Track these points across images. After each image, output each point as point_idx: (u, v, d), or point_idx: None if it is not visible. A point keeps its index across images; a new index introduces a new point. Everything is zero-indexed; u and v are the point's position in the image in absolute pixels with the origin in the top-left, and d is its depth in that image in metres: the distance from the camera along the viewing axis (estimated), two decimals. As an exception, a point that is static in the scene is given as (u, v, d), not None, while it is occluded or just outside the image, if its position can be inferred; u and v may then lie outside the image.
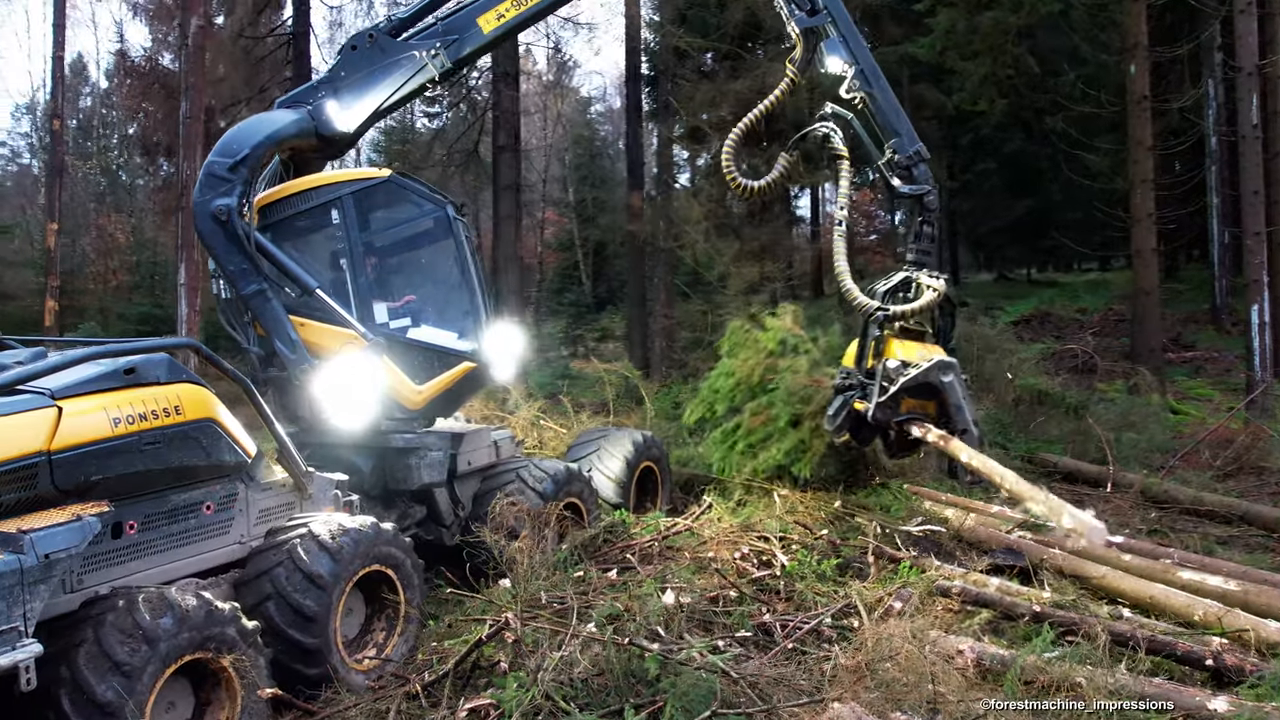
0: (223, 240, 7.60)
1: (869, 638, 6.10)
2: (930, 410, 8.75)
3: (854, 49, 8.91)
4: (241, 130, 8.03)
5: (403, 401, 8.01)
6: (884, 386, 8.47)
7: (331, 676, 6.15)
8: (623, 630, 5.95)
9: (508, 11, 8.60)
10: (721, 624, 6.45)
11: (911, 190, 8.90)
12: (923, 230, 9.07)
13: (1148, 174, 16.10)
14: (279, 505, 7.00)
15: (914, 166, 8.89)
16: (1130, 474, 11.26)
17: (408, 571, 6.90)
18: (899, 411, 8.55)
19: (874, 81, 8.92)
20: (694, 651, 5.61)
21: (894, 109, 8.98)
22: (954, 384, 8.53)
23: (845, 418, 8.88)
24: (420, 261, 8.68)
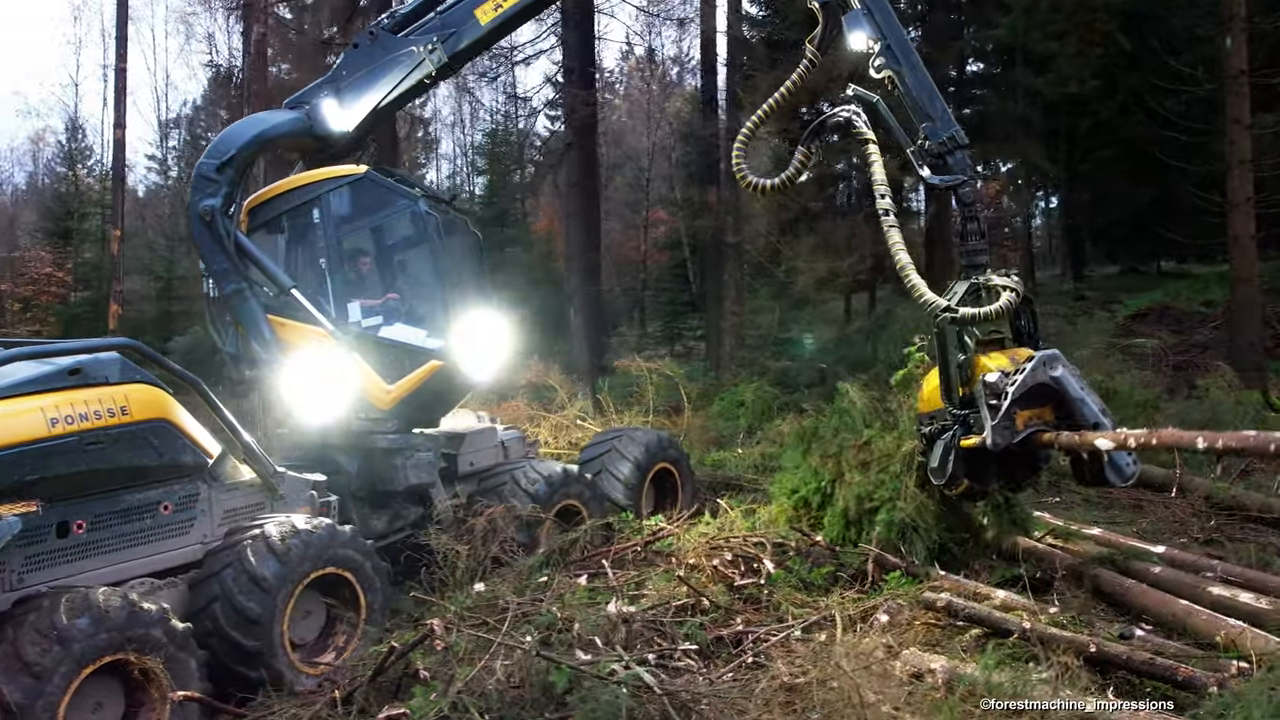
0: (208, 240, 7.73)
1: (823, 654, 5.70)
2: (1049, 417, 7.26)
3: (881, 22, 7.81)
4: (231, 131, 8.14)
5: (373, 400, 7.94)
6: (992, 405, 7.03)
7: (276, 679, 6.09)
8: (556, 641, 5.71)
9: (505, 1, 8.42)
10: (678, 635, 6.09)
11: (943, 181, 7.67)
12: (967, 228, 7.75)
13: (1245, 155, 14.86)
14: (246, 506, 7.00)
15: (949, 154, 7.65)
16: (1198, 478, 10.33)
17: (367, 574, 6.79)
18: (1017, 429, 7.07)
19: (904, 59, 7.79)
20: (613, 665, 5.29)
21: (927, 89, 7.78)
22: (1066, 376, 7.16)
23: (955, 462, 7.35)
24: (395, 258, 8.58)
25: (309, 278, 8.10)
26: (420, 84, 8.35)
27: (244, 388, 8.09)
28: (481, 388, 8.84)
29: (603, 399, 13.46)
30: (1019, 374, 6.99)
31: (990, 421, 6.92)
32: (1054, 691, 4.97)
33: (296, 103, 8.46)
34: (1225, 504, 9.72)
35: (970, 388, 7.24)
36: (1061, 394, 7.05)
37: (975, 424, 7.17)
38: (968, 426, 7.26)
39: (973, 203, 7.75)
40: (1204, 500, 9.93)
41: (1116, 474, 7.11)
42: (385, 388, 7.90)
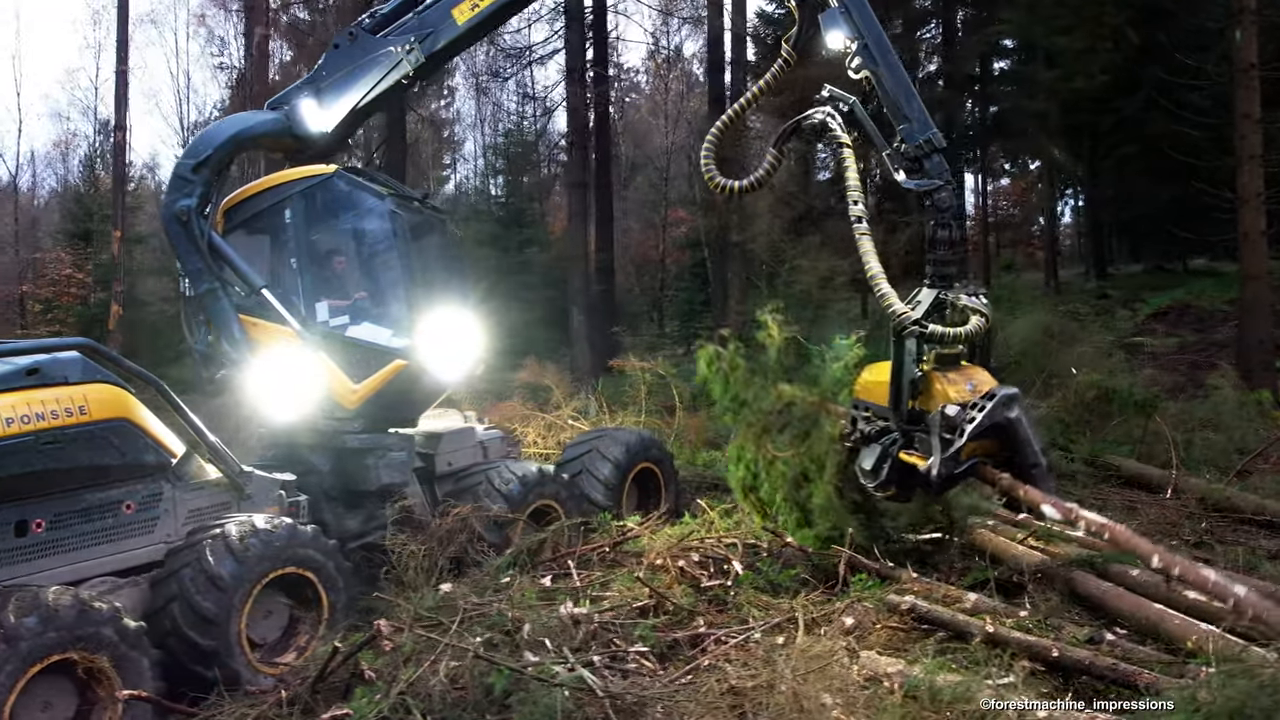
0: (184, 240, 7.79)
1: (776, 658, 5.63)
2: (991, 450, 7.09)
3: (859, 20, 7.50)
4: (208, 132, 8.19)
5: (340, 400, 7.93)
6: (945, 439, 6.83)
7: (233, 679, 6.08)
8: (506, 642, 5.68)
9: (482, 1, 8.39)
10: (632, 637, 6.04)
11: (917, 185, 7.28)
12: (938, 235, 7.35)
13: (1256, 149, 14.56)
14: (212, 505, 7.01)
15: (925, 158, 7.31)
16: (1194, 479, 10.15)
17: (329, 574, 6.78)
18: (961, 462, 6.90)
19: (881, 58, 7.48)
20: (557, 667, 5.24)
21: (904, 90, 7.50)
22: (1021, 418, 6.97)
23: (890, 470, 7.24)
24: (364, 258, 8.52)
25: (282, 277, 8.11)
26: (398, 84, 8.32)
27: (215, 387, 8.11)
28: (451, 388, 8.77)
29: (596, 398, 13.38)
30: (977, 411, 6.77)
31: (940, 454, 6.80)
32: (998, 695, 4.84)
33: (278, 103, 8.48)
34: (1220, 506, 9.54)
35: (921, 404, 7.08)
36: (1012, 433, 6.89)
37: (919, 443, 7.04)
38: (910, 441, 7.13)
39: (948, 209, 7.34)
40: (1198, 502, 9.77)
41: None
42: (352, 387, 7.89)
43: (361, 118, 8.46)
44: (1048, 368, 13.45)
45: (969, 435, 6.71)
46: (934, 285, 7.21)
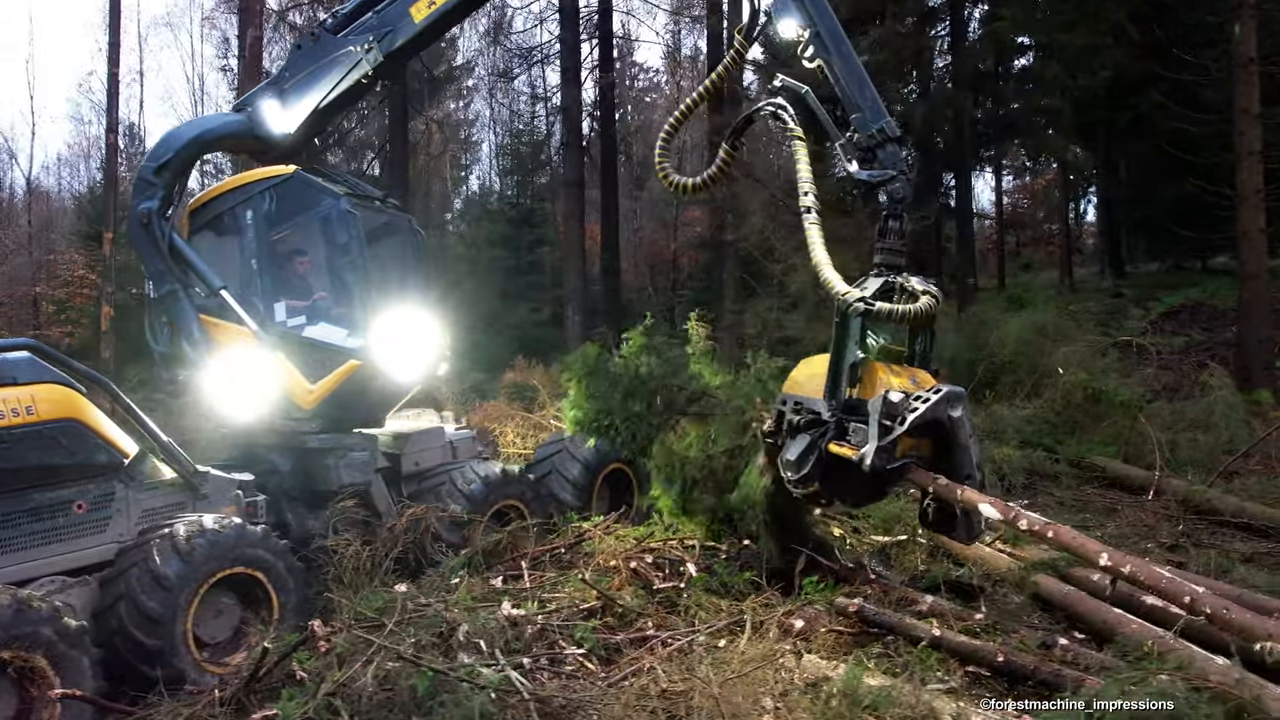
0: (146, 242, 7.86)
1: (714, 661, 5.59)
2: (925, 452, 6.64)
3: (811, 8, 7.25)
4: (170, 134, 8.22)
5: (297, 400, 7.94)
6: (884, 426, 6.32)
7: (177, 678, 6.09)
8: (441, 644, 5.66)
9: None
10: (571, 639, 6.00)
11: (870, 177, 7.02)
12: (889, 226, 7.08)
13: (1255, 146, 14.32)
14: (166, 505, 7.02)
15: (878, 147, 7.05)
16: (1176, 480, 10.01)
17: (279, 574, 6.77)
18: (895, 455, 6.37)
19: (834, 47, 7.23)
20: (483, 669, 5.21)
21: (857, 78, 7.22)
22: (964, 419, 6.54)
23: (815, 464, 6.68)
24: (320, 257, 8.49)
25: (241, 277, 8.11)
26: (359, 84, 8.32)
27: (176, 388, 8.15)
28: (412, 389, 8.74)
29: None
30: (921, 402, 6.37)
31: (875, 442, 6.24)
32: (917, 698, 4.77)
33: (242, 104, 8.51)
34: (1200, 508, 9.40)
35: (861, 394, 6.67)
36: (950, 435, 6.45)
37: (853, 434, 6.56)
38: (842, 432, 6.64)
39: (901, 199, 7.07)
40: (1180, 504, 9.63)
41: (965, 531, 6.66)
42: (308, 387, 7.90)
43: (325, 118, 8.47)
44: (1040, 367, 13.29)
45: (910, 423, 6.23)
46: (881, 274, 6.92)
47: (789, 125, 7.46)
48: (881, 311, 6.40)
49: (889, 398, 6.30)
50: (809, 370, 7.33)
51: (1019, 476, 10.62)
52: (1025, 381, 12.97)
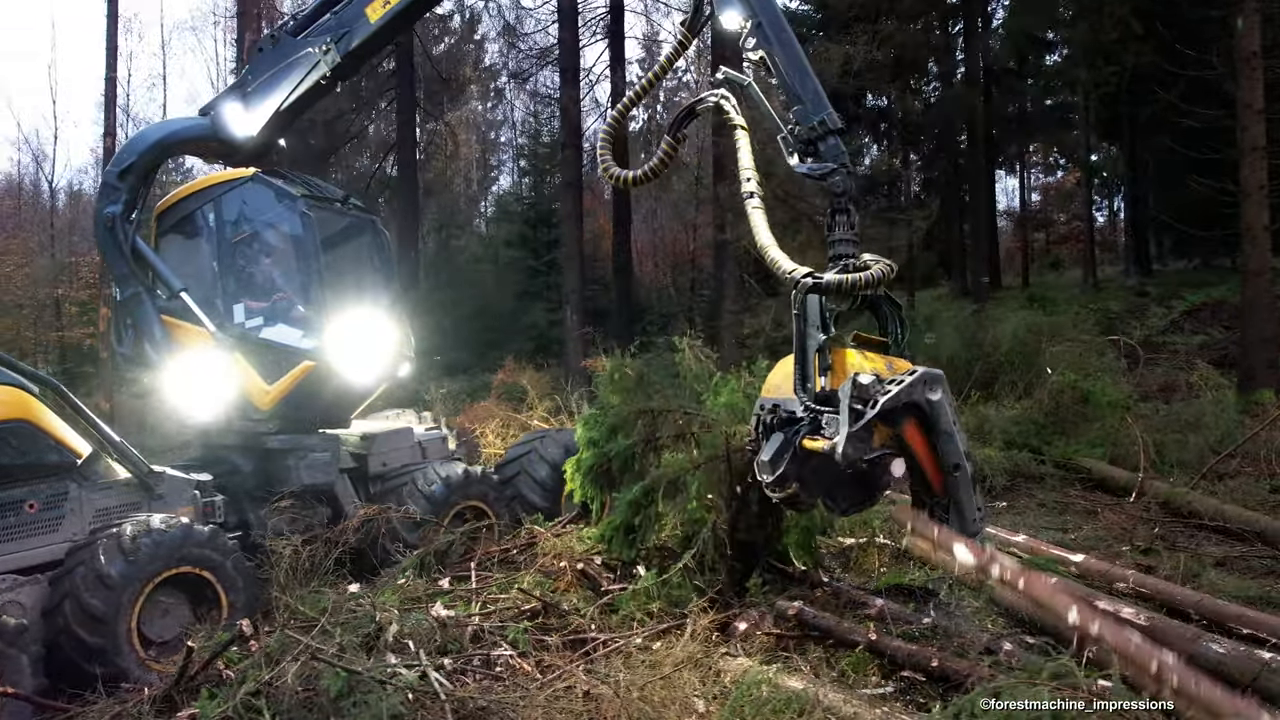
0: (110, 246, 7.97)
1: (638, 664, 5.56)
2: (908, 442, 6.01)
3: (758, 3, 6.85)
4: (134, 139, 8.32)
5: (254, 401, 8.02)
6: (855, 410, 5.80)
7: (120, 676, 6.15)
8: (370, 645, 5.67)
9: None
10: (503, 640, 5.99)
11: (809, 170, 6.63)
12: (836, 219, 6.63)
13: (1258, 141, 14.03)
14: (120, 505, 7.10)
15: (820, 140, 6.64)
16: (1159, 482, 9.83)
17: (228, 574, 6.81)
18: (873, 445, 5.80)
19: (775, 37, 6.86)
20: (404, 670, 5.22)
21: (799, 69, 6.80)
22: (944, 404, 5.94)
23: (790, 462, 6.12)
24: (277, 259, 8.59)
25: (203, 279, 8.19)
26: (319, 85, 8.35)
27: (137, 389, 8.24)
28: (373, 390, 8.78)
29: (565, 398, 13.32)
30: (895, 384, 5.82)
31: (847, 428, 5.67)
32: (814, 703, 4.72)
33: (207, 109, 8.57)
34: (1180, 510, 9.23)
35: (832, 383, 6.13)
36: (932, 421, 5.89)
37: (826, 425, 6.01)
38: (816, 426, 6.10)
39: (844, 193, 6.63)
40: (1161, 506, 9.46)
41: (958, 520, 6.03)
42: (265, 388, 7.98)
43: (287, 120, 8.49)
44: (1035, 366, 13.12)
45: (883, 406, 5.69)
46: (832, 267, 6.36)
47: (731, 116, 7.13)
48: (830, 284, 5.95)
49: (858, 380, 5.80)
50: (785, 370, 6.80)
51: (1000, 478, 10.49)
52: (1020, 382, 12.82)
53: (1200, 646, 5.63)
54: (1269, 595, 7.17)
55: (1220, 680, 5.31)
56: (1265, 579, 7.63)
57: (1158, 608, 6.91)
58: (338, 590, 7.08)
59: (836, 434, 5.74)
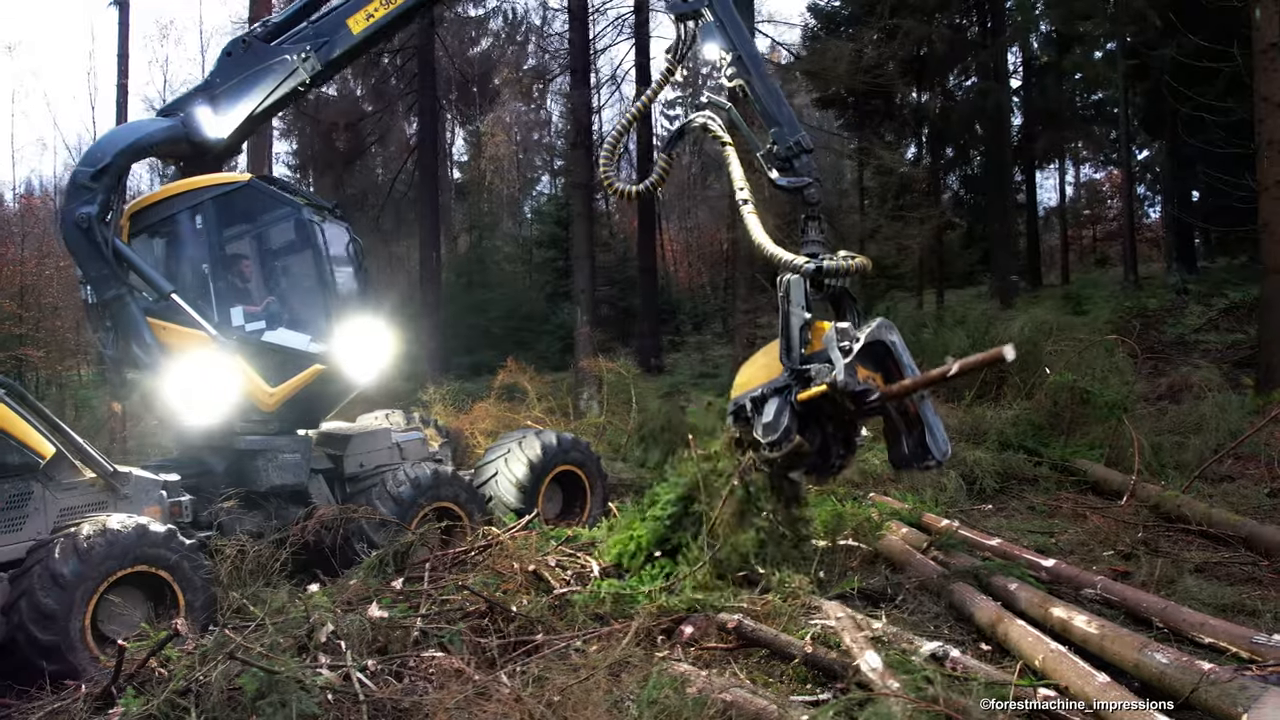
0: (85, 247, 7.89)
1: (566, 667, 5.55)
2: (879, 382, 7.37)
3: (732, 34, 8.21)
4: (106, 139, 8.34)
5: (256, 403, 8.16)
6: (843, 348, 7.16)
7: (72, 673, 6.25)
8: (302, 646, 5.72)
9: (377, 11, 8.55)
10: (437, 641, 6.00)
11: (789, 183, 7.90)
12: (809, 225, 8.00)
13: (1276, 134, 13.58)
14: (85, 505, 7.22)
15: (794, 158, 7.95)
16: (1151, 485, 9.59)
17: (185, 573, 6.89)
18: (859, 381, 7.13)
19: (753, 68, 8.20)
20: (324, 670, 5.25)
21: (774, 97, 8.19)
22: (899, 344, 7.39)
23: (790, 417, 7.36)
24: (279, 265, 8.75)
25: (190, 282, 8.25)
26: (294, 91, 8.46)
27: (124, 391, 8.36)
28: (364, 390, 8.90)
29: (562, 399, 13.33)
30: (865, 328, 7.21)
31: (843, 361, 6.98)
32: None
33: (170, 110, 8.59)
34: (1170, 514, 9.00)
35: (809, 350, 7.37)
36: (895, 360, 7.25)
37: (817, 375, 7.19)
38: (806, 382, 7.27)
39: (816, 203, 7.94)
40: (1151, 509, 9.24)
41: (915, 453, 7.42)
42: (268, 390, 8.16)
43: (257, 124, 8.60)
44: (1044, 365, 12.89)
45: (865, 340, 7.05)
46: None
47: (718, 134, 8.28)
48: (831, 268, 7.31)
49: (839, 326, 7.15)
50: (751, 369, 8.03)
51: (990, 480, 10.31)
52: (1024, 382, 12.59)
53: (1145, 655, 5.48)
54: (1242, 603, 6.98)
55: (1160, 691, 5.23)
56: (1243, 586, 7.42)
57: (1123, 614, 6.77)
58: (295, 591, 7.19)
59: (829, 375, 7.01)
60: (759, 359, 8.05)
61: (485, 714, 4.88)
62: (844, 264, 7.37)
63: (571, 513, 9.78)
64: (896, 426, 7.57)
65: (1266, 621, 6.62)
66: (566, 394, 14.76)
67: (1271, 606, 6.89)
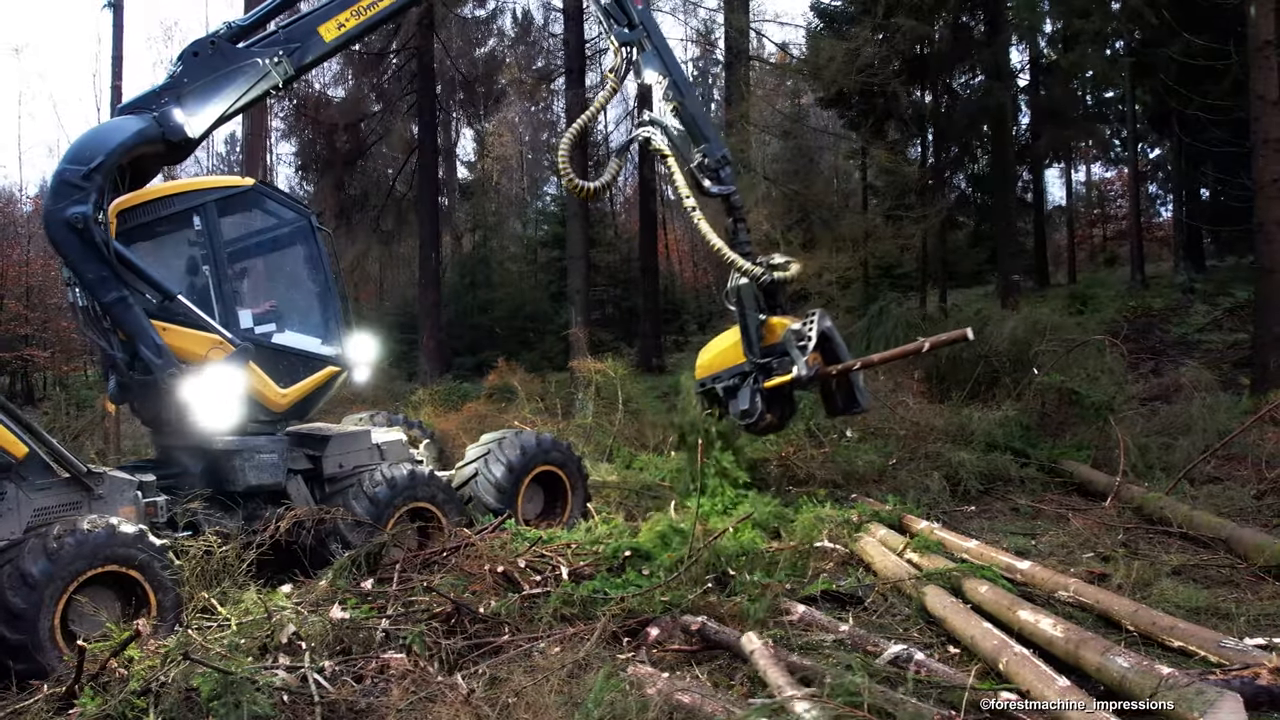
0: (79, 248, 7.64)
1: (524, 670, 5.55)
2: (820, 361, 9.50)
3: (667, 62, 9.83)
4: (93, 138, 8.05)
5: (267, 404, 8.25)
6: (801, 346, 9.19)
7: (39, 673, 6.27)
8: (263, 647, 5.74)
9: (348, 21, 8.71)
10: (401, 644, 6.01)
11: (720, 190, 9.71)
12: (738, 228, 9.86)
13: (1272, 133, 13.47)
14: (59, 505, 7.24)
15: (720, 169, 9.71)
16: (1135, 487, 9.54)
17: (155, 573, 6.90)
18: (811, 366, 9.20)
19: (685, 92, 9.87)
20: (280, 671, 5.27)
21: (702, 117, 9.96)
22: (833, 329, 9.58)
23: (761, 400, 9.51)
24: (282, 268, 8.87)
25: (190, 284, 8.26)
26: (265, 93, 8.50)
27: (132, 393, 8.27)
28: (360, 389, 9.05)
29: (551, 400, 13.33)
30: (810, 324, 9.29)
31: (802, 358, 9.08)
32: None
33: (135, 107, 8.32)
34: (1152, 516, 8.95)
35: (768, 342, 9.45)
36: (833, 341, 9.44)
37: (778, 367, 9.33)
38: (769, 371, 9.39)
39: (740, 207, 9.91)
40: (1135, 510, 9.19)
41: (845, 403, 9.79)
42: (280, 391, 8.27)
43: (223, 123, 8.61)
44: (1033, 365, 12.83)
45: (818, 335, 9.18)
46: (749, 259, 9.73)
47: (660, 147, 9.71)
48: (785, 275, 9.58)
49: (793, 328, 9.31)
50: (710, 353, 10.26)
51: (974, 481, 10.27)
52: (1015, 383, 12.53)
53: (1107, 659, 5.46)
54: (1216, 606, 6.93)
55: (1122, 695, 5.20)
56: (1219, 589, 7.38)
57: (1094, 618, 6.73)
58: (264, 591, 7.22)
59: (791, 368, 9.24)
60: (716, 345, 10.12)
61: (433, 715, 4.89)
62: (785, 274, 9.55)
63: (553, 513, 9.76)
64: (830, 389, 9.72)
65: (1239, 625, 6.59)
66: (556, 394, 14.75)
67: (1246, 610, 6.84)
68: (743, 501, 9.59)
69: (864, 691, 4.45)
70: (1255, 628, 6.52)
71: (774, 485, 10.33)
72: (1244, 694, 5.07)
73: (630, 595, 6.72)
